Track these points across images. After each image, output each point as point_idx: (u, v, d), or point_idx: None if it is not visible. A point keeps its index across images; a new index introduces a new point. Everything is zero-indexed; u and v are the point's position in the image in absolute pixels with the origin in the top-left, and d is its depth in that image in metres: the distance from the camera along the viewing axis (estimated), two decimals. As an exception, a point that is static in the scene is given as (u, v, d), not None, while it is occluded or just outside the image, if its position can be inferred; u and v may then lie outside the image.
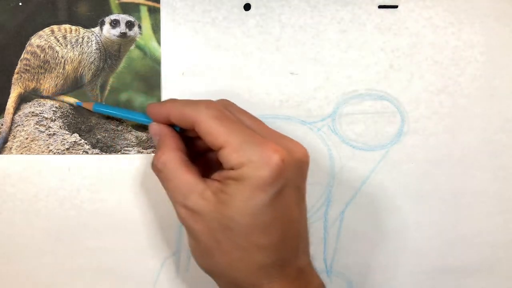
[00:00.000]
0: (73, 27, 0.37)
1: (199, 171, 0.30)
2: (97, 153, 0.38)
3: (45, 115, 0.38)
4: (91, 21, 0.37)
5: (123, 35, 0.38)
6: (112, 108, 0.37)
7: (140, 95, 0.38)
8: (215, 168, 0.31)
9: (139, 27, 0.38)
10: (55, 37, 0.37)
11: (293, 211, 0.29)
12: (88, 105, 0.37)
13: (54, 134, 0.38)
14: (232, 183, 0.28)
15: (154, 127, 0.33)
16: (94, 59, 0.38)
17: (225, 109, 0.30)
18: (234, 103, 0.33)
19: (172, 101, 0.32)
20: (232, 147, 0.27)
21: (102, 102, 0.38)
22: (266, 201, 0.27)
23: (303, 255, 0.31)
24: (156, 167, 0.31)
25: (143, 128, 0.39)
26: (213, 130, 0.28)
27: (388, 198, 0.40)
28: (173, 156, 0.30)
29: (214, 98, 0.38)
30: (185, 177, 0.29)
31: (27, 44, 0.37)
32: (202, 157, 0.34)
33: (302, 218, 0.30)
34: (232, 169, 0.28)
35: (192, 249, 0.31)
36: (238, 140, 0.28)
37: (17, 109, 0.38)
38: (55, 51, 0.37)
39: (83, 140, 0.38)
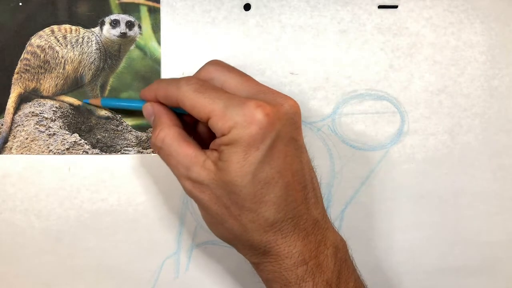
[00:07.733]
0: (73, 27, 0.37)
1: (198, 143, 0.31)
2: (97, 153, 0.38)
3: (45, 115, 0.38)
4: (91, 21, 0.37)
5: (123, 35, 0.38)
6: (118, 100, 0.37)
7: (140, 95, 0.38)
8: (213, 139, 0.31)
9: (139, 27, 0.38)
10: (55, 37, 0.37)
11: (292, 163, 0.29)
12: (96, 101, 0.37)
13: (54, 134, 0.38)
14: (226, 149, 0.28)
15: (147, 107, 0.33)
16: (94, 59, 0.38)
17: (206, 79, 0.31)
18: (221, 60, 0.33)
19: (158, 81, 0.33)
20: (217, 115, 0.28)
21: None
22: (260, 157, 0.27)
23: (315, 208, 0.31)
24: (155, 145, 0.31)
25: (143, 128, 0.39)
26: (197, 104, 0.29)
27: (388, 198, 0.40)
28: (170, 132, 0.30)
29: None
30: (185, 150, 0.30)
31: (27, 44, 0.37)
32: (199, 130, 0.35)
33: (304, 169, 0.30)
34: (223, 135, 0.28)
35: (204, 219, 0.32)
36: (221, 106, 0.28)
37: (17, 109, 0.38)
38: (55, 51, 0.37)
39: (83, 140, 0.38)
